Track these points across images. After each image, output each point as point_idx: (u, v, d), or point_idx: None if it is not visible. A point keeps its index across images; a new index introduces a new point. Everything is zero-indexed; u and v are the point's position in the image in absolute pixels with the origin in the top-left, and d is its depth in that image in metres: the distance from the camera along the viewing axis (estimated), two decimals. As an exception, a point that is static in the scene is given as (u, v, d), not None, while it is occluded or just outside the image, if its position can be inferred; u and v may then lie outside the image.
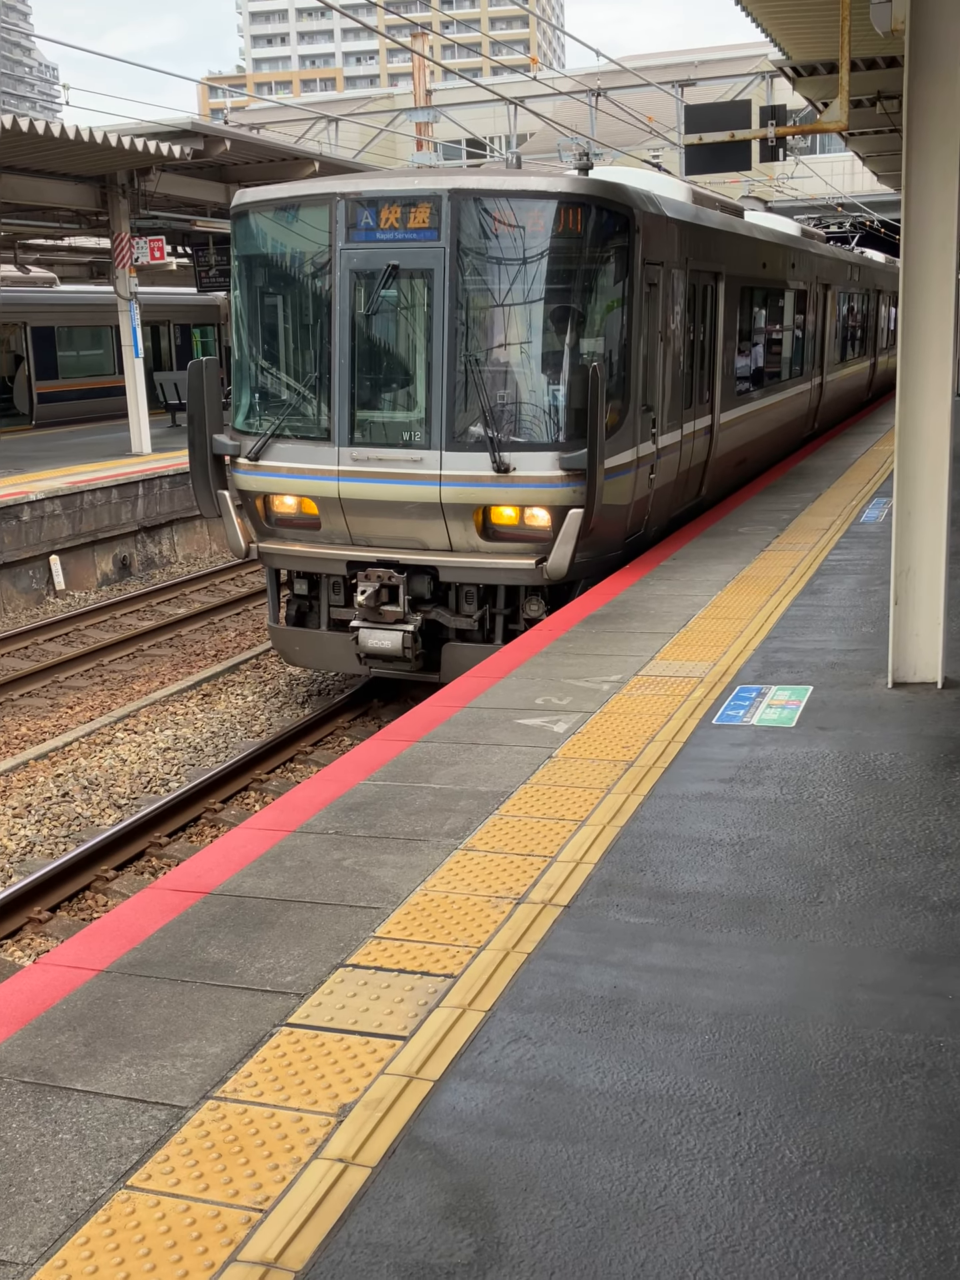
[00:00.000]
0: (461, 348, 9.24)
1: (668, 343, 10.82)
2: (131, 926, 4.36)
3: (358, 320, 9.50)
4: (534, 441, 9.37)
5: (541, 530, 9.40)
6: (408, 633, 9.52)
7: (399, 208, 9.25)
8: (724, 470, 13.41)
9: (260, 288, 10.18)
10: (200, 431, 10.13)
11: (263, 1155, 3.09)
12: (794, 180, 36.33)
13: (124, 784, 9.68)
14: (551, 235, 9.19)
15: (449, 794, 5.49)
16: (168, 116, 21.56)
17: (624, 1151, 3.05)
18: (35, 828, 8.88)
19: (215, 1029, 3.66)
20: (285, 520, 10.26)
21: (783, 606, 8.67)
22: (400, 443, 9.55)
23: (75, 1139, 3.18)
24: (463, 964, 3.97)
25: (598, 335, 9.67)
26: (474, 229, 9.17)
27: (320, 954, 4.08)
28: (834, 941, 4.04)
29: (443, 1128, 3.16)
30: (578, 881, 4.53)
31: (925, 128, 6.19)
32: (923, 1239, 2.72)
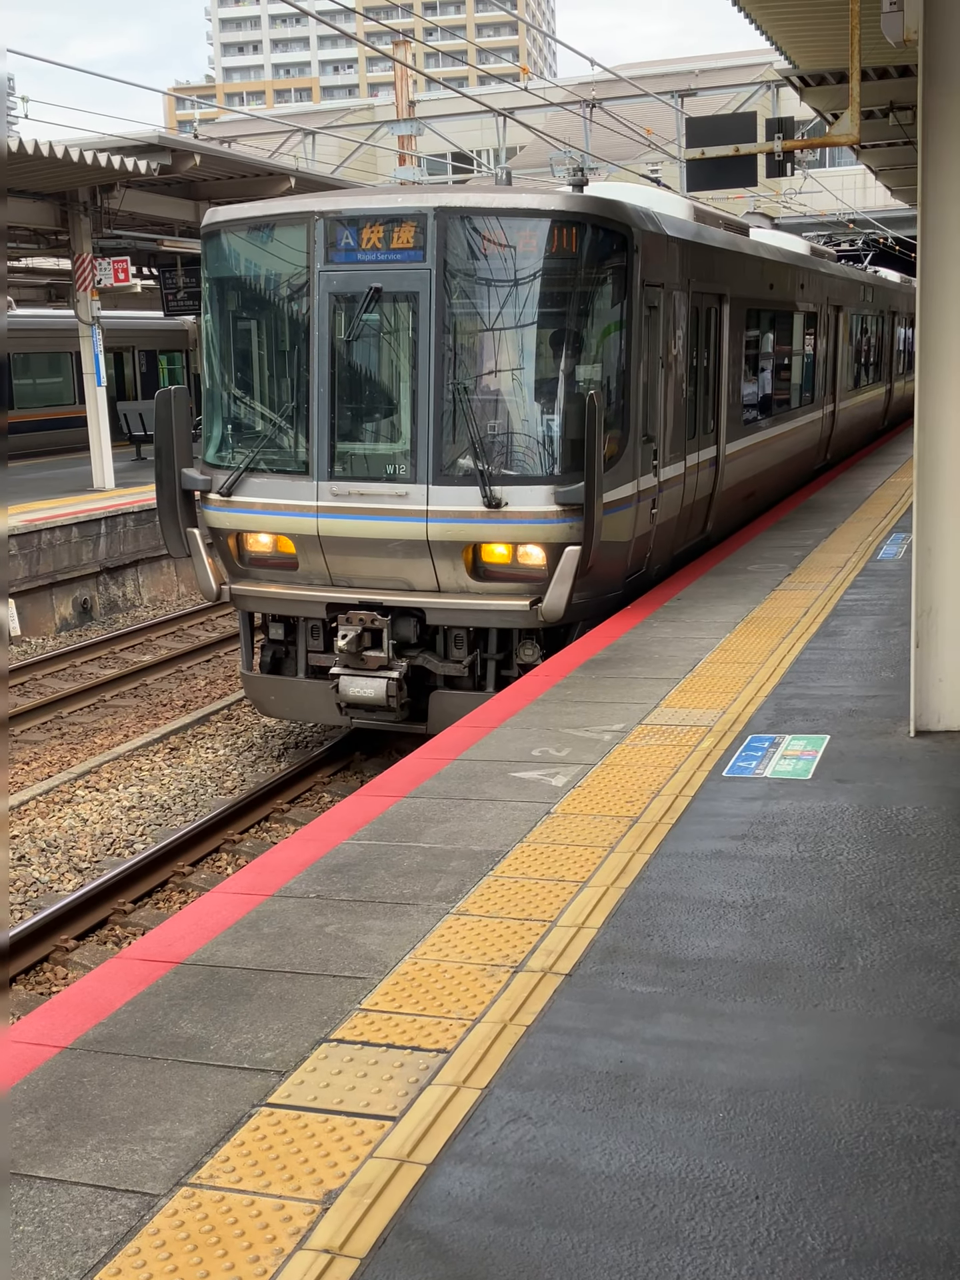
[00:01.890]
0: (449, 375, 9.12)
1: (669, 369, 10.74)
2: (97, 999, 4.36)
3: (338, 346, 9.38)
4: (527, 474, 9.24)
5: (536, 569, 9.25)
6: (392, 680, 9.34)
7: (381, 227, 9.14)
8: (731, 504, 13.38)
9: (233, 312, 10.05)
10: (168, 466, 9.99)
11: (242, 1246, 3.08)
12: (802, 195, 36.84)
13: (85, 846, 9.66)
14: (544, 256, 9.06)
15: (439, 854, 5.49)
16: (133, 130, 21.80)
17: (633, 1239, 3.05)
18: (-11, 894, 8.86)
19: (189, 1110, 3.66)
20: (260, 560, 10.11)
21: (796, 650, 8.72)
22: (384, 476, 9.40)
23: (38, 1230, 3.16)
24: (456, 1038, 3.97)
25: (595, 362, 9.56)
26: (462, 249, 9.05)
27: (302, 1028, 4.08)
28: (857, 1010, 4.05)
29: (437, 1215, 3.15)
30: (580, 948, 4.54)
31: (941, 140, 6.32)
32: (957, 1332, 2.73)
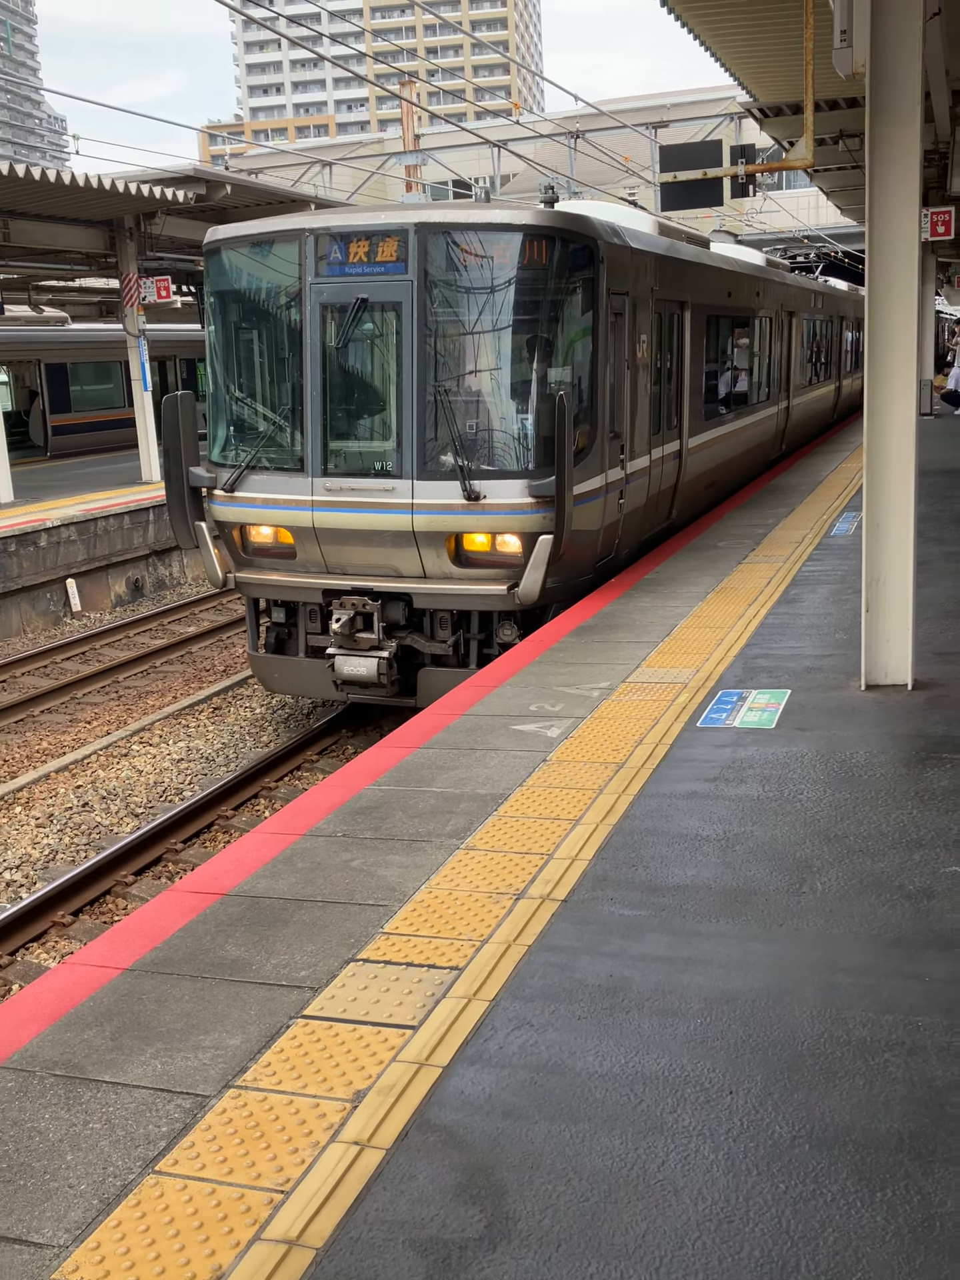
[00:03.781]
0: (430, 379, 8.87)
1: (635, 371, 10.41)
2: (153, 927, 4.36)
3: (329, 353, 9.10)
4: (503, 470, 8.94)
5: (513, 556, 9.02)
6: (382, 659, 9.18)
7: (367, 242, 8.89)
8: (694, 493, 13.09)
9: (233, 323, 9.74)
10: (176, 464, 9.75)
11: (283, 1140, 3.09)
12: (763, 215, 36.51)
13: (140, 794, 9.67)
14: (517, 267, 8.80)
15: (450, 797, 5.49)
16: (171, 163, 21.58)
17: (624, 1130, 3.06)
18: (57, 836, 8.87)
19: (235, 1022, 3.67)
20: (262, 550, 9.85)
21: (760, 615, 8.70)
22: (372, 472, 9.13)
23: (105, 1128, 3.18)
24: (467, 957, 3.98)
25: (564, 364, 9.25)
26: (441, 262, 8.80)
27: (332, 950, 4.09)
28: (816, 929, 4.06)
29: (452, 1111, 3.17)
30: (573, 877, 4.54)
31: (886, 162, 6.24)
32: (906, 1207, 2.74)
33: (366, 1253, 2.68)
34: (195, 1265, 2.68)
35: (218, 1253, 2.71)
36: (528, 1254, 2.65)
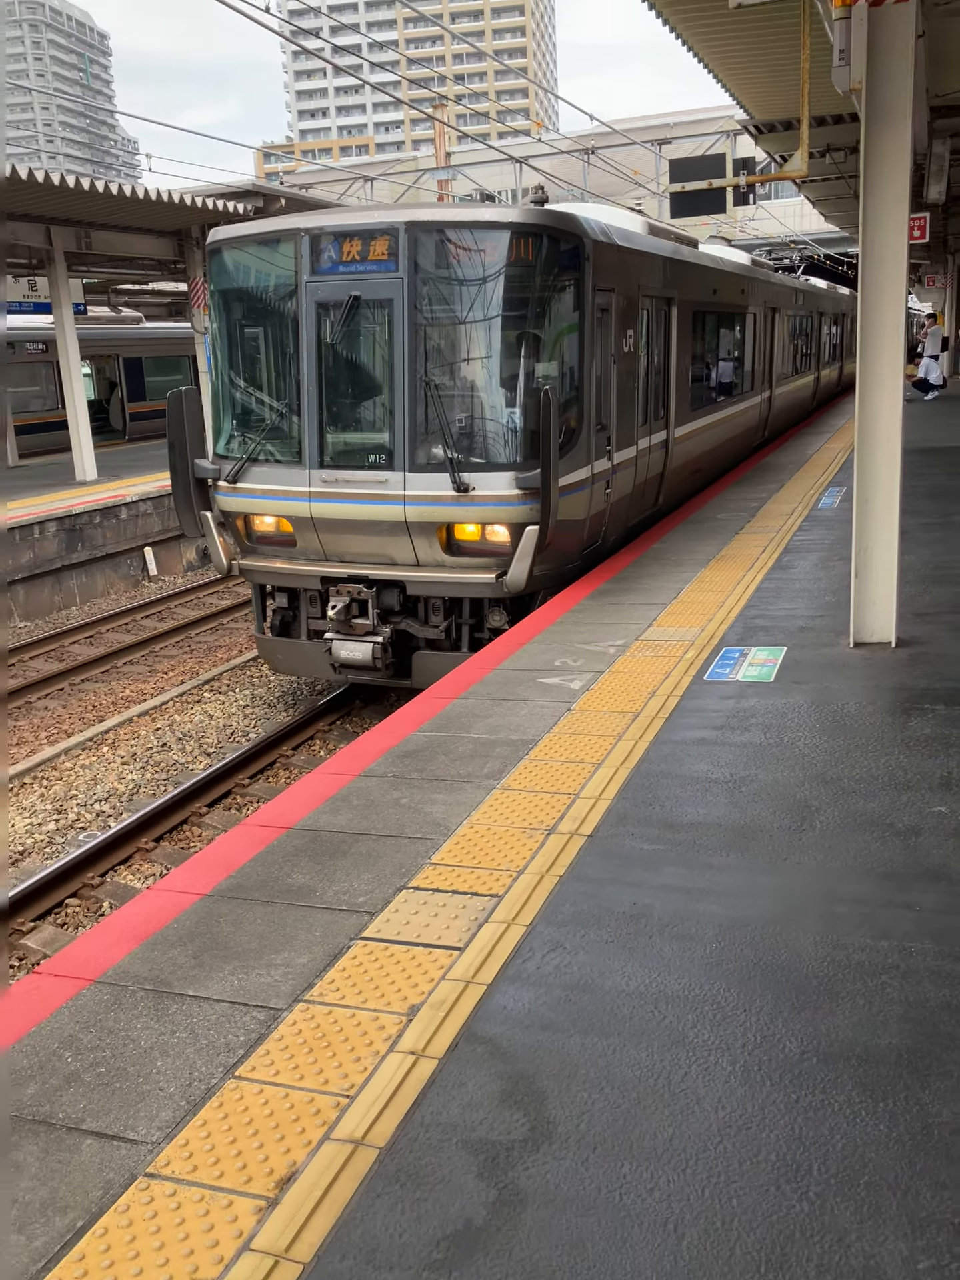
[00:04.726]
0: (421, 374, 8.14)
1: (622, 364, 9.62)
2: (228, 857, 4.31)
3: (324, 350, 8.41)
4: (491, 462, 8.19)
5: (501, 545, 8.31)
6: (377, 644, 8.55)
7: (359, 241, 8.16)
8: (680, 480, 12.37)
9: (234, 320, 9.02)
10: (181, 457, 9.06)
11: (347, 1049, 3.04)
12: (754, 222, 35.78)
13: (212, 735, 9.64)
14: (505, 264, 8.01)
15: (486, 742, 5.41)
16: (231, 179, 21.27)
17: (649, 1043, 2.99)
18: (140, 773, 8.86)
19: (302, 943, 3.61)
20: (265, 538, 9.19)
21: (757, 580, 8.54)
22: (367, 465, 8.42)
23: (190, 1037, 3.13)
24: (505, 885, 3.91)
25: (551, 359, 8.45)
26: (430, 260, 8.05)
27: (386, 878, 4.03)
28: (816, 863, 3.96)
29: (496, 1025, 3.10)
30: (598, 815, 4.46)
31: (878, 168, 6.01)
32: (907, 1116, 2.66)
33: (424, 1152, 2.62)
34: (273, 1161, 2.63)
35: (292, 1150, 2.66)
36: (567, 1155, 2.59)
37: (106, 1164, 2.65)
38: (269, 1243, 2.39)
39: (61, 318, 17.64)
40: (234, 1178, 2.59)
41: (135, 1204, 2.52)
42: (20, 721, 10.50)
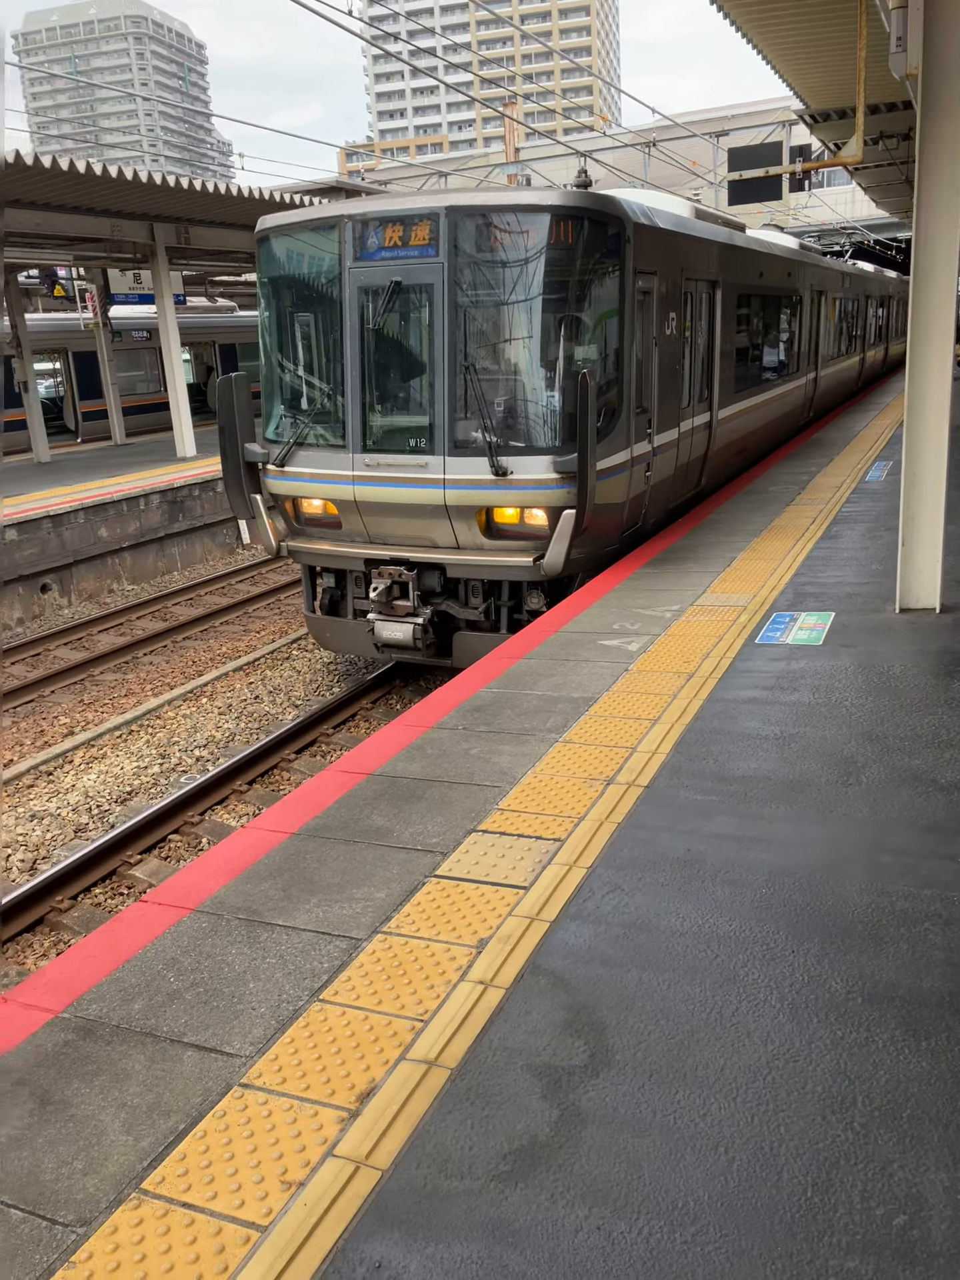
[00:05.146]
0: (460, 358, 7.64)
1: (663, 347, 8.95)
2: (314, 799, 4.35)
3: (366, 335, 7.94)
4: (530, 446, 7.65)
5: (539, 528, 7.82)
6: (417, 625, 8.16)
7: (401, 226, 7.67)
8: (723, 461, 11.53)
9: (281, 307, 8.54)
10: (231, 441, 8.66)
11: (421, 978, 3.04)
12: (807, 209, 34.64)
13: (299, 689, 9.74)
14: (544, 247, 7.44)
15: (549, 699, 5.37)
16: (317, 176, 21.14)
17: (702, 980, 2.95)
18: (235, 722, 8.99)
19: (380, 879, 3.63)
20: (313, 520, 8.76)
21: (807, 549, 8.32)
22: (408, 449, 7.94)
23: (279, 962, 3.17)
24: (567, 831, 3.88)
25: (590, 343, 7.87)
26: (470, 244, 7.52)
27: (457, 821, 4.02)
28: (862, 815, 3.86)
29: (559, 959, 3.08)
30: (654, 767, 4.40)
31: (934, 154, 5.73)
32: (949, 1054, 2.58)
33: (491, 1074, 2.62)
34: (354, 1077, 2.65)
35: (371, 1068, 2.67)
36: (625, 1080, 2.57)
37: (205, 1074, 2.69)
38: (351, 1150, 2.41)
39: (163, 307, 17.76)
40: (319, 1090, 2.61)
41: (231, 1110, 2.56)
42: (129, 675, 10.71)
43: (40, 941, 5.88)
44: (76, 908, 6.11)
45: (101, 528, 14.20)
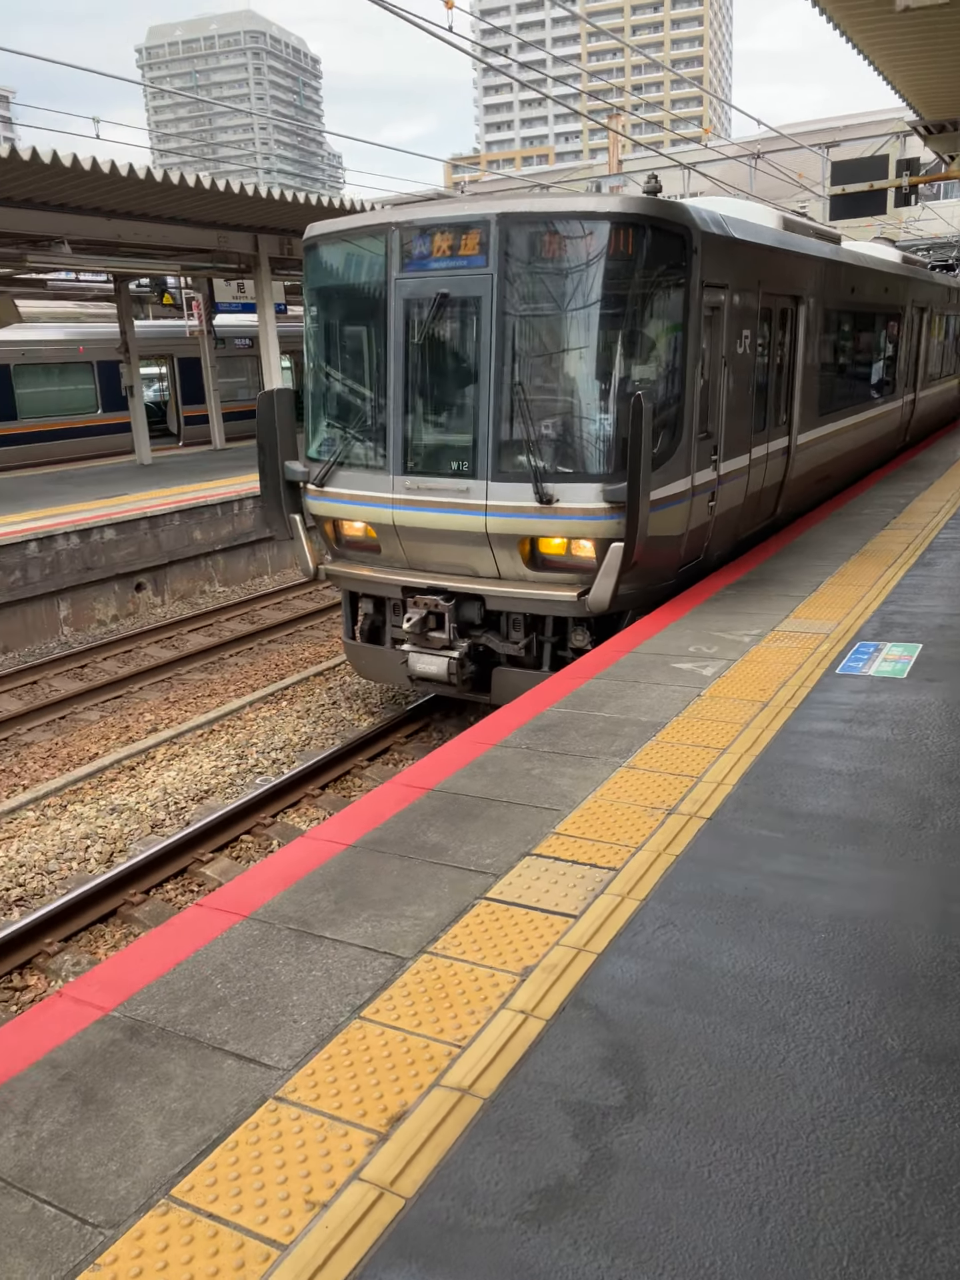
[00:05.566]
0: (507, 377, 7.12)
1: (733, 367, 8.25)
2: (373, 812, 4.36)
3: (411, 350, 7.46)
4: (578, 472, 7.08)
5: (586, 561, 7.23)
6: (453, 659, 7.66)
7: (450, 235, 7.17)
8: (802, 489, 10.75)
9: (326, 318, 8.09)
10: (271, 458, 8.29)
11: (463, 1002, 3.02)
12: (920, 222, 33.66)
13: (376, 696, 9.82)
14: (600, 257, 6.84)
15: (616, 721, 5.29)
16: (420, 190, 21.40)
17: (750, 1025, 2.86)
18: (312, 726, 9.10)
19: (431, 898, 3.62)
20: (354, 543, 8.31)
21: (898, 576, 8.05)
22: (449, 472, 7.44)
23: (324, 976, 3.18)
24: (623, 860, 3.81)
25: (649, 362, 7.24)
26: (522, 254, 6.97)
27: (512, 843, 3.99)
28: (934, 862, 3.70)
29: (603, 993, 3.02)
30: (719, 799, 4.30)
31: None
32: (1007, 1127, 2.44)
33: (524, 1108, 2.58)
34: (387, 1099, 2.64)
35: (405, 1091, 2.66)
36: (661, 1126, 2.50)
37: (242, 1084, 2.72)
38: (377, 1175, 2.40)
39: (264, 316, 18.18)
40: (351, 1110, 2.61)
41: (264, 1124, 2.58)
42: (214, 675, 10.96)
43: (112, 933, 6.04)
44: (148, 902, 6.25)
45: (196, 530, 14.58)
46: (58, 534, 12.59)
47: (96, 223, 14.49)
